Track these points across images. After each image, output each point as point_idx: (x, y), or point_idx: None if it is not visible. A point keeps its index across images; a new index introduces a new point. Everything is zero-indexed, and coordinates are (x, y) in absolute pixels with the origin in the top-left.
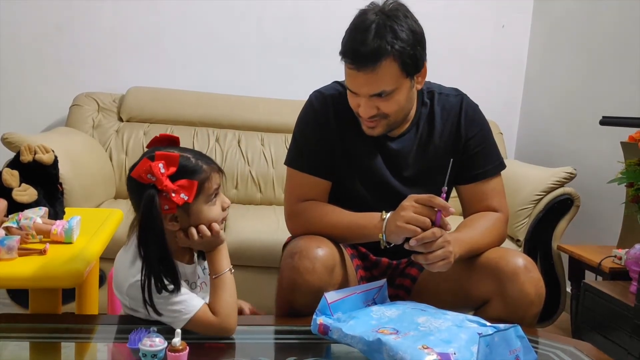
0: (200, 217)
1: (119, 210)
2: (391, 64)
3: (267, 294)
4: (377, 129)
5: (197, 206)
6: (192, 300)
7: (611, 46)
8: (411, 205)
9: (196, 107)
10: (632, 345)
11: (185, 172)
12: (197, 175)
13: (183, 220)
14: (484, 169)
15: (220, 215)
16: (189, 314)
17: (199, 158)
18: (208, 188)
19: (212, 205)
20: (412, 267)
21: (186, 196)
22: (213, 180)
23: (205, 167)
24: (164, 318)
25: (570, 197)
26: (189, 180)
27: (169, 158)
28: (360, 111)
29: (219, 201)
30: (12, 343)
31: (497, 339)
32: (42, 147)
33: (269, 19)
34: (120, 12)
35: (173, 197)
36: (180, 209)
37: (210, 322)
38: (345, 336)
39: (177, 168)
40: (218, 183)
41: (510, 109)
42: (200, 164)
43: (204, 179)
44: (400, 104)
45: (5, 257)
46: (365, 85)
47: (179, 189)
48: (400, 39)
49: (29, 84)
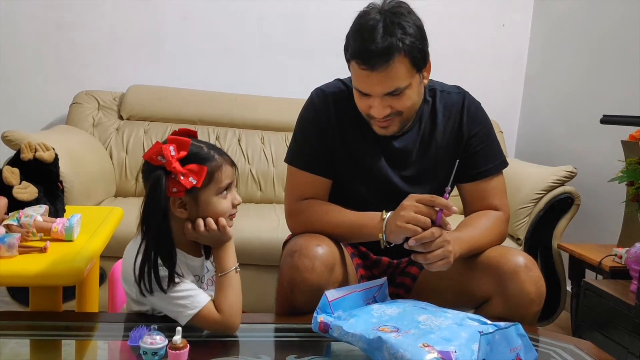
0: (209, 209)
1: (119, 209)
2: (403, 59)
3: (268, 292)
4: (391, 128)
5: (206, 196)
6: (199, 296)
7: (611, 45)
8: (412, 204)
9: (196, 106)
10: (632, 343)
11: (196, 158)
12: (207, 162)
13: (191, 208)
14: (486, 167)
15: (228, 209)
16: (195, 309)
17: (213, 149)
18: (219, 179)
19: (222, 198)
20: (412, 266)
21: (194, 180)
22: (225, 172)
23: (217, 157)
24: (169, 312)
25: (571, 195)
26: (199, 165)
27: (181, 142)
28: (374, 112)
29: (230, 196)
30: (13, 341)
31: (498, 338)
32: (43, 145)
33: (269, 17)
34: (121, 11)
35: (181, 180)
36: (189, 196)
37: (215, 319)
38: (345, 334)
39: (187, 152)
40: (231, 178)
41: (511, 108)
42: (212, 153)
43: (214, 167)
44: (413, 99)
45: (5, 255)
46: (379, 84)
47: (187, 172)
48: (409, 34)
49: (29, 82)
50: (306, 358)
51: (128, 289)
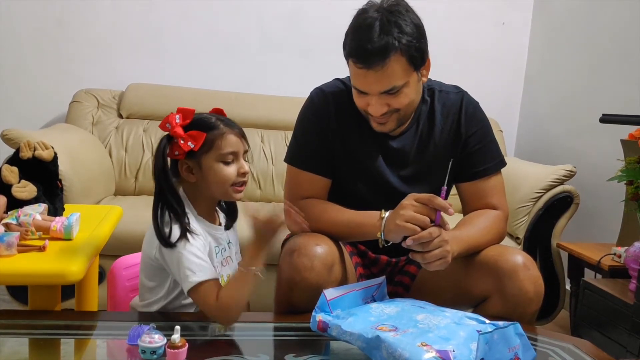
0: (211, 174)
1: (119, 207)
2: (399, 58)
3: (266, 291)
4: (388, 125)
5: (208, 161)
6: (207, 269)
7: (611, 44)
8: (411, 204)
9: (196, 104)
10: (630, 342)
11: (199, 126)
12: (209, 129)
13: (197, 173)
14: (484, 167)
15: (231, 176)
16: (200, 278)
17: (222, 120)
18: (219, 146)
19: (225, 165)
20: (411, 264)
21: (192, 144)
22: (227, 140)
23: (222, 126)
24: (177, 274)
25: (570, 194)
26: (199, 132)
27: (186, 111)
28: (371, 110)
29: (236, 165)
30: (12, 339)
31: (496, 337)
32: (42, 143)
33: (269, 16)
34: (120, 8)
35: (181, 144)
36: (193, 160)
37: (213, 301)
38: (344, 333)
39: (191, 120)
40: (235, 147)
41: (510, 107)
42: (218, 123)
43: (216, 134)
44: (410, 97)
45: (4, 254)
46: (375, 82)
47: (187, 137)
48: (406, 33)
49: (28, 80)
50: (305, 357)
51: (149, 260)
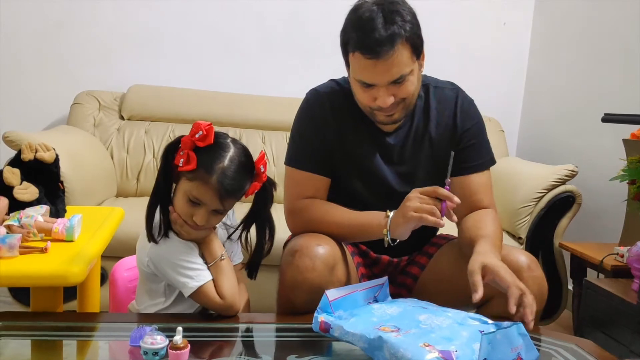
0: (177, 197)
1: (120, 209)
2: (405, 46)
3: (268, 292)
4: (396, 115)
5: (182, 185)
6: (205, 271)
7: (613, 43)
8: (416, 196)
9: (197, 105)
10: (634, 342)
11: (204, 158)
12: (203, 165)
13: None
14: (477, 162)
15: (183, 214)
16: (200, 282)
17: (228, 172)
18: (194, 185)
19: (189, 201)
20: (413, 265)
21: (181, 163)
22: (202, 189)
23: (214, 177)
24: (176, 282)
25: (572, 194)
26: (194, 157)
27: (208, 133)
28: (380, 102)
29: (195, 211)
30: (14, 341)
31: (499, 337)
32: (43, 145)
33: (269, 16)
34: (121, 10)
35: (179, 154)
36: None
37: (216, 299)
38: (346, 334)
39: (205, 144)
40: (205, 200)
41: (512, 107)
42: (219, 168)
43: (200, 174)
44: (415, 85)
45: (6, 256)
46: (384, 72)
47: (185, 154)
48: (407, 21)
49: (30, 82)
50: (307, 358)
51: (143, 266)
